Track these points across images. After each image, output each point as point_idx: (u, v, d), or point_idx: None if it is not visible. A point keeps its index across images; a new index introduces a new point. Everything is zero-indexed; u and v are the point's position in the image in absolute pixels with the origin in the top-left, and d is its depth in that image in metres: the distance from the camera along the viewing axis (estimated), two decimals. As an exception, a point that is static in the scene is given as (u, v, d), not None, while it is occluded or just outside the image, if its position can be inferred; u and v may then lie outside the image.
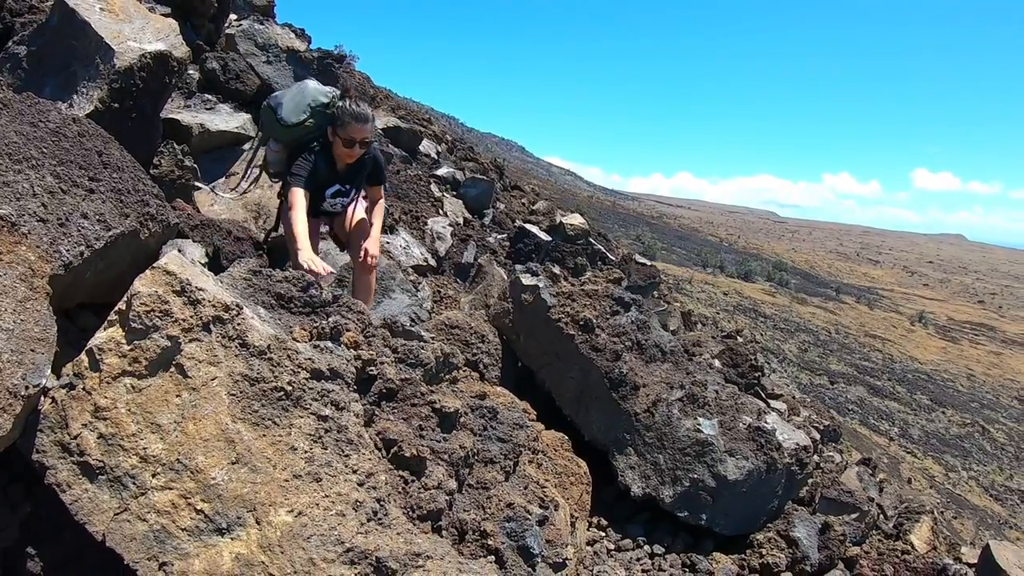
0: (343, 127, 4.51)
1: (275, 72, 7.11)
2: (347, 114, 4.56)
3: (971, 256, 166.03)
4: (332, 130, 4.56)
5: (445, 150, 11.87)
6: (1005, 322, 70.47)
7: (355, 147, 4.61)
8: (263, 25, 7.33)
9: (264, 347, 2.62)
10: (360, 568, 2.33)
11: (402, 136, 9.65)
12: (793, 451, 5.06)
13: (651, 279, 9.20)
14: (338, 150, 4.60)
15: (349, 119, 4.56)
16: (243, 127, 6.37)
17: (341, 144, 4.56)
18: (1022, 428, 36.26)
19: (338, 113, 4.53)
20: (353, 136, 4.55)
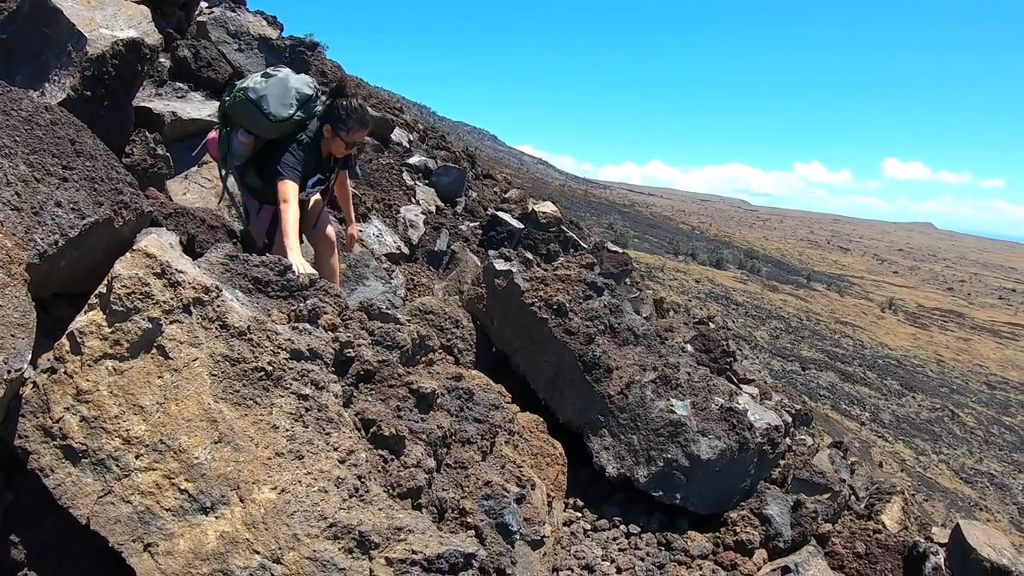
0: (348, 131, 4.50)
1: (247, 60, 7.10)
2: (353, 118, 4.54)
3: (940, 244, 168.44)
4: (331, 128, 4.51)
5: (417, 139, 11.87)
6: (974, 309, 71.60)
7: (353, 147, 4.67)
8: (235, 12, 7.30)
9: (244, 328, 2.67)
10: (343, 542, 2.39)
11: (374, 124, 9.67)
12: (765, 431, 5.17)
13: (623, 266, 9.29)
14: (333, 147, 4.60)
15: (356, 125, 4.56)
16: (215, 115, 6.38)
17: (342, 144, 4.56)
18: (991, 412, 36.90)
19: (341, 113, 4.49)
20: (356, 140, 4.58)
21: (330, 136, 4.53)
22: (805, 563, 4.22)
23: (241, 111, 4.41)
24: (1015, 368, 48.35)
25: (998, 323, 65.03)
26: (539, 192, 33.92)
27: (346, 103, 4.49)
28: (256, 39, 7.20)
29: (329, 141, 4.56)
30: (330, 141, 4.56)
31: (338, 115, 4.48)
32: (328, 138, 4.54)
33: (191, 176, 5.71)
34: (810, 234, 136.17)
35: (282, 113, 4.41)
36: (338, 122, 4.49)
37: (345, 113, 4.48)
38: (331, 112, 4.51)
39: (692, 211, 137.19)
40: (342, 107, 4.48)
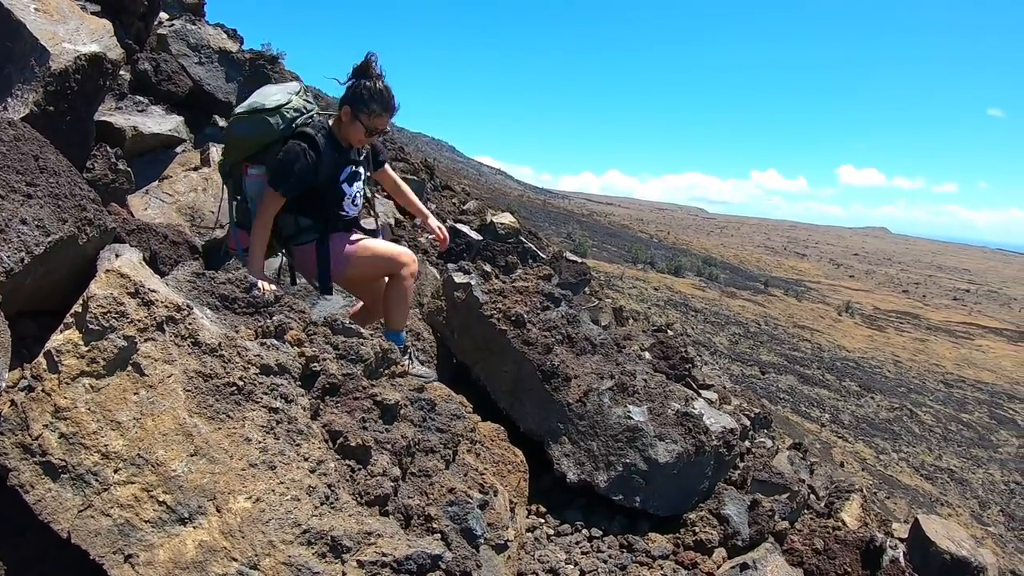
0: (369, 113, 4.18)
1: (207, 73, 7.18)
2: (377, 100, 4.19)
3: (895, 248, 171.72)
4: (350, 110, 4.16)
5: None
6: (929, 310, 73.19)
7: (374, 135, 4.33)
8: (195, 25, 7.36)
9: (215, 345, 2.82)
10: (317, 547, 2.55)
11: None
12: (720, 434, 5.38)
13: (582, 276, 9.49)
14: (352, 132, 4.25)
15: (379, 108, 4.20)
16: (176, 129, 6.43)
17: (361, 129, 4.22)
18: (948, 410, 37.72)
19: (363, 93, 4.15)
20: (378, 126, 4.24)
21: (348, 119, 4.19)
22: (763, 560, 4.43)
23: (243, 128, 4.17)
24: (971, 367, 49.48)
25: (953, 323, 66.61)
26: (498, 203, 34.16)
27: (370, 84, 4.14)
28: (216, 52, 7.28)
29: (347, 126, 4.22)
30: (348, 126, 4.21)
31: (358, 95, 4.14)
32: (346, 122, 4.20)
33: (152, 191, 5.76)
34: (767, 240, 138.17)
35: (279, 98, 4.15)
36: (359, 103, 4.14)
37: (368, 94, 4.14)
38: (349, 92, 4.18)
39: (650, 219, 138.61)
40: (364, 87, 4.14)
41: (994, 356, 54.81)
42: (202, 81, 7.14)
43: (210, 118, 7.41)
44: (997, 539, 23.05)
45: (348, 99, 4.17)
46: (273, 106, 4.13)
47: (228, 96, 7.27)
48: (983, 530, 23.34)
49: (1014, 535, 24.34)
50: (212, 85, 7.18)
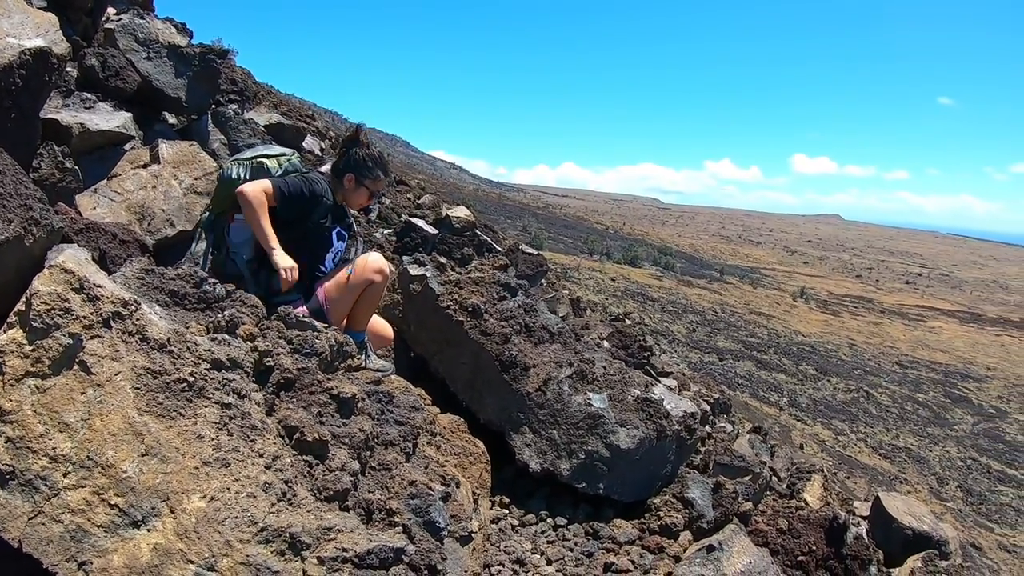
0: (373, 179, 4.59)
1: (156, 68, 7.02)
2: (378, 166, 4.62)
3: (848, 234, 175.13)
4: (354, 178, 4.55)
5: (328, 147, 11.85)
6: (882, 294, 74.75)
7: (374, 198, 4.75)
8: (144, 20, 7.17)
9: (164, 340, 2.76)
10: (275, 545, 2.51)
11: (285, 133, 9.52)
12: (681, 418, 5.41)
13: (539, 268, 9.49)
14: (354, 198, 4.64)
15: (380, 172, 4.65)
16: (124, 126, 6.28)
17: (365, 194, 4.62)
18: (904, 390, 38.48)
19: (367, 162, 4.53)
20: (379, 188, 4.66)
21: (352, 187, 4.58)
22: (728, 540, 4.46)
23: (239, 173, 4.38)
24: (924, 348, 50.55)
25: (906, 306, 68.04)
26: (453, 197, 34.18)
27: (367, 152, 4.55)
28: (165, 47, 7.12)
29: (350, 192, 4.60)
30: (351, 192, 4.60)
31: (362, 163, 4.54)
32: (350, 188, 4.58)
33: (100, 190, 5.62)
34: (722, 229, 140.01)
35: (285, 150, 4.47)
36: (363, 170, 4.55)
37: (369, 160, 4.55)
38: (350, 160, 4.55)
39: (605, 211, 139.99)
40: (364, 155, 4.54)
41: (947, 337, 56.08)
42: (151, 76, 6.97)
43: (159, 114, 7.29)
44: (956, 514, 23.56)
45: (350, 167, 4.58)
46: (275, 154, 4.44)
47: (177, 92, 7.14)
48: (942, 505, 23.85)
49: (972, 509, 24.92)
50: (161, 81, 7.02)
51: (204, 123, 7.71)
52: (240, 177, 4.34)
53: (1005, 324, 66.30)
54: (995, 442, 33.08)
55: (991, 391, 41.99)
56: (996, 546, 22.36)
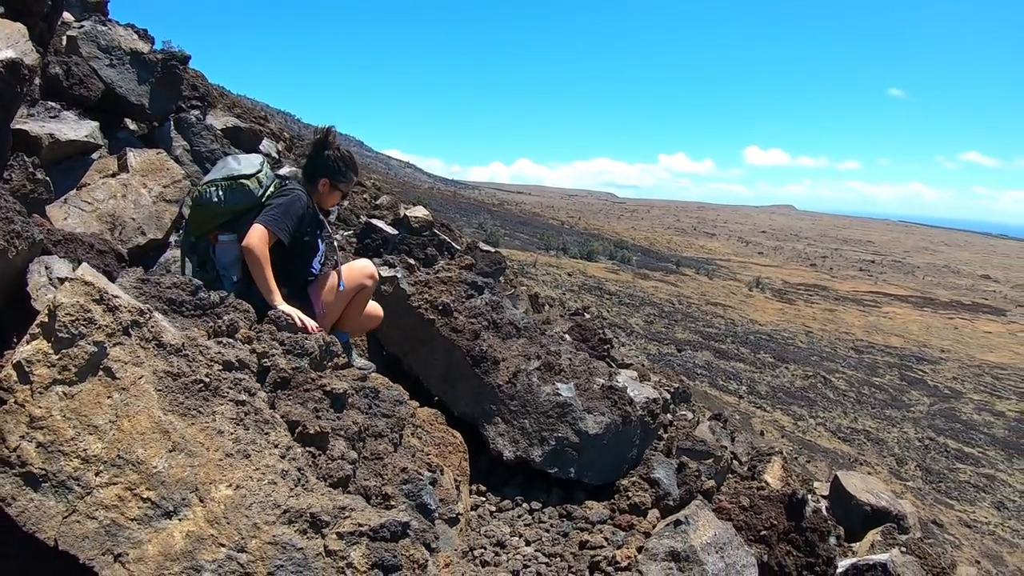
0: (346, 181, 4.79)
1: (119, 76, 7.07)
2: (349, 167, 4.81)
3: (801, 224, 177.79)
4: (329, 181, 4.72)
5: (284, 149, 11.87)
6: (836, 282, 76.24)
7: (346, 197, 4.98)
8: (106, 26, 7.16)
9: (179, 345, 3.08)
10: (298, 525, 2.84)
11: (242, 136, 9.69)
12: (644, 404, 5.79)
13: (497, 265, 9.78)
14: (331, 200, 4.83)
15: (352, 173, 4.86)
16: (92, 135, 6.29)
17: (338, 196, 4.83)
18: (860, 375, 39.44)
19: (338, 165, 4.74)
20: (350, 189, 4.89)
21: (327, 190, 4.76)
22: (694, 515, 4.86)
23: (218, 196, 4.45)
24: (879, 332, 51.77)
25: (860, 293, 69.59)
26: (408, 196, 34.39)
27: (337, 153, 4.73)
28: (128, 53, 7.16)
29: (325, 195, 4.78)
30: (326, 195, 4.78)
31: (334, 167, 4.72)
32: (324, 192, 4.76)
33: (71, 200, 5.77)
34: (677, 222, 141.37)
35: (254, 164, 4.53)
36: (336, 174, 4.75)
37: (342, 164, 4.75)
38: (323, 164, 4.72)
39: (561, 206, 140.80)
40: (335, 158, 4.72)
41: (901, 322, 57.50)
42: (114, 84, 7.00)
43: (121, 122, 7.34)
44: (916, 492, 24.35)
45: (323, 171, 4.73)
46: (251, 172, 4.47)
47: (140, 99, 7.20)
48: (902, 485, 24.63)
49: (932, 488, 25.75)
50: (124, 88, 7.08)
51: (167, 129, 7.79)
52: (220, 200, 4.44)
53: (957, 307, 68.18)
54: (951, 422, 34.14)
55: (946, 373, 43.20)
56: (957, 522, 23.18)
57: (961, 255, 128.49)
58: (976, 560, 19.59)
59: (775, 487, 6.61)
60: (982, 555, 20.78)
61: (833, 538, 5.32)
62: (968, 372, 43.89)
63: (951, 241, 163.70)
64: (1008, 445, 32.25)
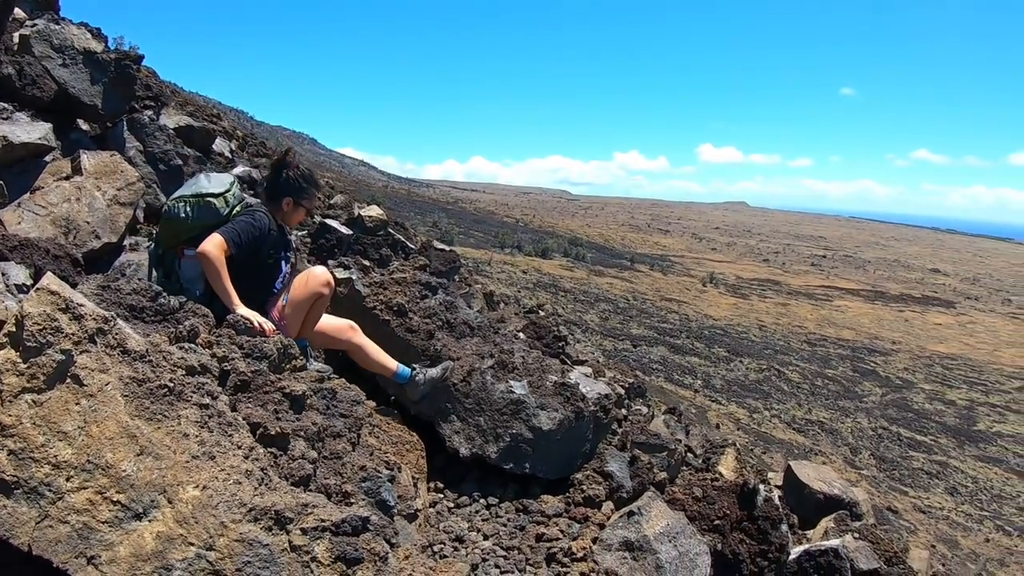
0: (309, 198, 4.98)
1: (72, 76, 6.93)
2: (311, 184, 5.04)
3: (754, 220, 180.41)
4: (292, 200, 4.94)
5: (237, 147, 11.76)
6: (788, 276, 77.53)
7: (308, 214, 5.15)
8: (59, 25, 6.99)
9: (143, 351, 3.20)
10: (264, 522, 2.98)
11: (195, 135, 9.66)
12: (597, 399, 5.96)
13: (452, 264, 9.89)
14: (295, 218, 5.01)
15: (314, 190, 5.10)
16: (45, 137, 6.26)
17: (302, 213, 5.01)
18: (813, 367, 40.15)
19: (301, 183, 4.91)
20: (314, 206, 5.09)
21: (291, 208, 4.96)
22: (647, 506, 5.07)
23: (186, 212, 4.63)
24: (831, 326, 52.73)
25: (812, 287, 70.82)
26: (363, 195, 34.44)
27: (299, 172, 4.92)
28: (81, 53, 7.03)
29: (289, 214, 4.97)
30: (290, 214, 4.97)
31: (296, 185, 4.91)
32: (288, 211, 4.96)
33: (24, 204, 5.78)
34: (631, 219, 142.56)
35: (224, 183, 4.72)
36: (298, 192, 4.95)
37: (303, 181, 4.94)
38: (284, 184, 4.92)
39: (515, 204, 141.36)
40: (295, 177, 4.91)
41: (853, 315, 58.64)
42: (67, 84, 6.86)
43: (73, 122, 7.25)
44: (871, 480, 24.94)
45: (285, 190, 4.93)
46: (220, 191, 4.67)
47: (93, 99, 7.09)
48: (857, 473, 25.22)
49: (886, 475, 26.41)
50: (77, 88, 6.97)
51: (120, 130, 7.73)
52: (188, 216, 4.63)
53: (907, 300, 69.73)
54: (903, 411, 34.96)
55: (897, 364, 44.17)
56: (912, 508, 23.81)
57: (911, 250, 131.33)
58: (932, 544, 20.17)
59: (729, 478, 6.80)
60: (937, 539, 21.39)
61: (785, 526, 5.50)
62: (919, 363, 44.94)
63: (901, 236, 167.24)
64: (959, 432, 33.20)
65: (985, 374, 44.47)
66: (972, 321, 62.50)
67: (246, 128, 20.75)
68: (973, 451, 31.28)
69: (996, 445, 32.49)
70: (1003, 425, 35.61)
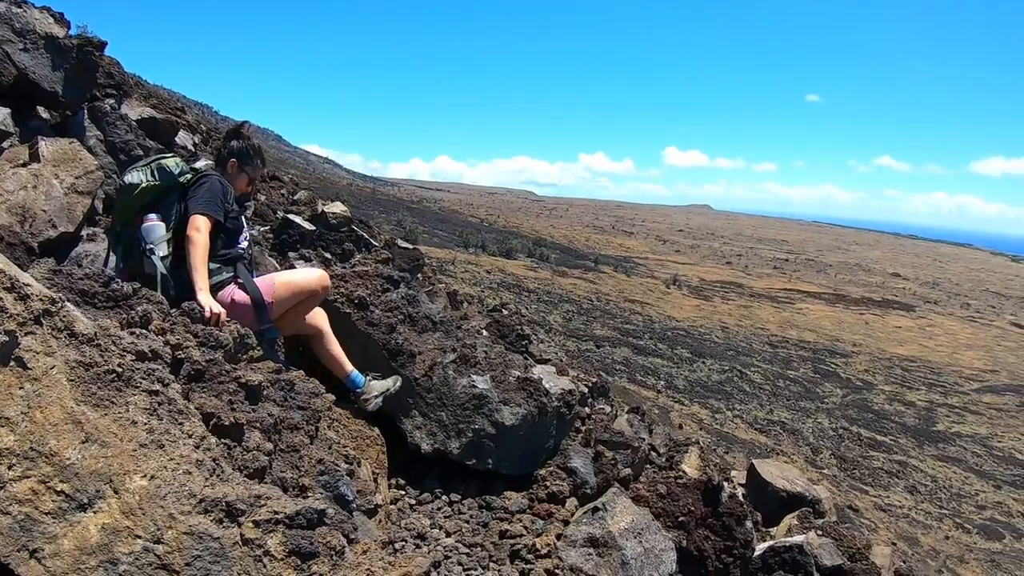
0: (253, 166, 5.06)
1: (32, 61, 6.74)
2: (258, 154, 5.15)
3: (718, 223, 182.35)
4: (237, 163, 5.01)
5: (200, 141, 11.61)
6: (751, 279, 78.36)
7: (253, 184, 5.21)
8: (21, 8, 6.80)
9: (92, 335, 3.07)
10: (214, 514, 2.88)
11: (158, 127, 9.21)
12: (560, 395, 5.90)
13: (415, 262, 9.81)
14: (238, 183, 5.03)
15: (259, 160, 5.18)
16: (3, 123, 6.04)
17: (245, 180, 5.07)
18: (775, 368, 40.49)
19: (248, 149, 5.01)
20: (259, 176, 5.17)
21: (235, 171, 5.00)
22: (611, 502, 5.02)
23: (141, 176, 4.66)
24: (793, 328, 53.30)
25: (774, 290, 71.60)
26: (327, 192, 34.30)
27: (248, 142, 5.02)
28: (42, 38, 6.83)
29: (233, 176, 5.00)
30: (234, 176, 5.00)
31: (244, 151, 5.00)
32: (233, 172, 4.99)
33: None
34: (595, 220, 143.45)
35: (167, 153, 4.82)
36: (244, 157, 5.02)
37: (251, 150, 5.03)
38: (232, 149, 5.01)
39: (480, 204, 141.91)
40: (244, 145, 5.00)
41: (814, 317, 59.33)
42: (27, 69, 6.65)
43: (33, 109, 7.05)
44: (832, 479, 25.21)
45: (233, 154, 5.05)
46: (169, 155, 4.80)
47: (54, 86, 6.88)
48: (818, 472, 25.49)
49: (847, 475, 26.74)
50: (38, 74, 6.77)
51: (80, 119, 7.50)
52: (143, 181, 4.63)
53: (868, 303, 70.67)
54: (864, 412, 35.39)
55: (857, 365, 44.71)
56: (872, 506, 24.09)
57: (872, 254, 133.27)
58: (892, 542, 20.41)
59: (693, 476, 6.78)
60: (898, 537, 21.66)
61: (750, 522, 5.51)
62: (879, 364, 45.50)
63: (862, 241, 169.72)
64: (918, 433, 33.67)
65: (944, 376, 45.15)
66: (931, 324, 63.44)
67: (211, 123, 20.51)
68: (932, 451, 31.74)
69: (955, 445, 33.02)
70: (961, 426, 36.21)
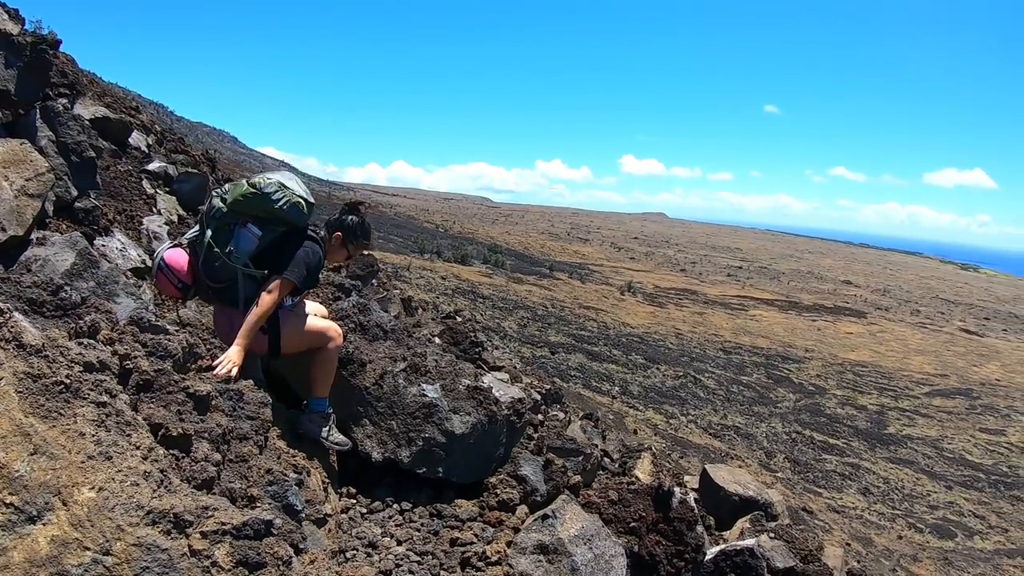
0: (356, 245, 5.11)
1: None
2: (365, 236, 5.22)
3: (673, 231, 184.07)
4: (342, 236, 5.10)
5: (155, 142, 11.44)
6: (705, 286, 79.24)
7: (349, 260, 5.31)
8: None
9: (40, 346, 3.10)
10: (162, 525, 2.91)
11: (111, 127, 9.40)
12: (510, 403, 5.97)
13: (370, 268, 9.82)
14: (337, 256, 5.13)
15: (364, 241, 5.25)
16: None
17: (344, 256, 5.14)
18: (729, 374, 40.98)
19: (358, 228, 5.07)
20: (356, 254, 5.23)
21: (338, 243, 5.07)
22: (561, 509, 5.08)
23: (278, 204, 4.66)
24: (746, 334, 53.94)
25: (728, 297, 72.48)
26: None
27: (361, 219, 5.08)
28: None
29: (334, 248, 5.08)
30: (335, 248, 5.09)
31: (353, 228, 5.06)
32: (334, 245, 5.07)
33: None
34: (551, 227, 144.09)
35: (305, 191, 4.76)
36: (352, 234, 5.09)
37: (362, 230, 5.09)
38: (343, 222, 5.07)
39: (436, 210, 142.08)
40: (358, 222, 5.07)
41: (767, 324, 60.10)
42: None
43: None
44: (786, 482, 25.60)
45: (343, 228, 5.16)
46: (312, 202, 4.82)
47: (6, 84, 6.67)
48: (772, 476, 25.85)
49: (801, 477, 27.18)
50: None
51: (32, 118, 7.29)
52: (280, 207, 4.65)
53: (820, 310, 71.79)
54: (816, 416, 35.94)
55: (810, 371, 45.35)
56: (826, 508, 24.49)
57: (824, 262, 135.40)
58: (846, 542, 20.81)
59: (645, 481, 6.87)
60: (852, 538, 22.05)
61: (701, 527, 5.56)
62: (831, 370, 46.22)
63: (815, 249, 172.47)
64: (870, 436, 34.34)
65: (895, 380, 45.97)
66: (882, 330, 64.52)
67: (165, 123, 20.34)
68: (884, 453, 32.35)
69: (906, 447, 33.69)
70: (912, 428, 36.92)
